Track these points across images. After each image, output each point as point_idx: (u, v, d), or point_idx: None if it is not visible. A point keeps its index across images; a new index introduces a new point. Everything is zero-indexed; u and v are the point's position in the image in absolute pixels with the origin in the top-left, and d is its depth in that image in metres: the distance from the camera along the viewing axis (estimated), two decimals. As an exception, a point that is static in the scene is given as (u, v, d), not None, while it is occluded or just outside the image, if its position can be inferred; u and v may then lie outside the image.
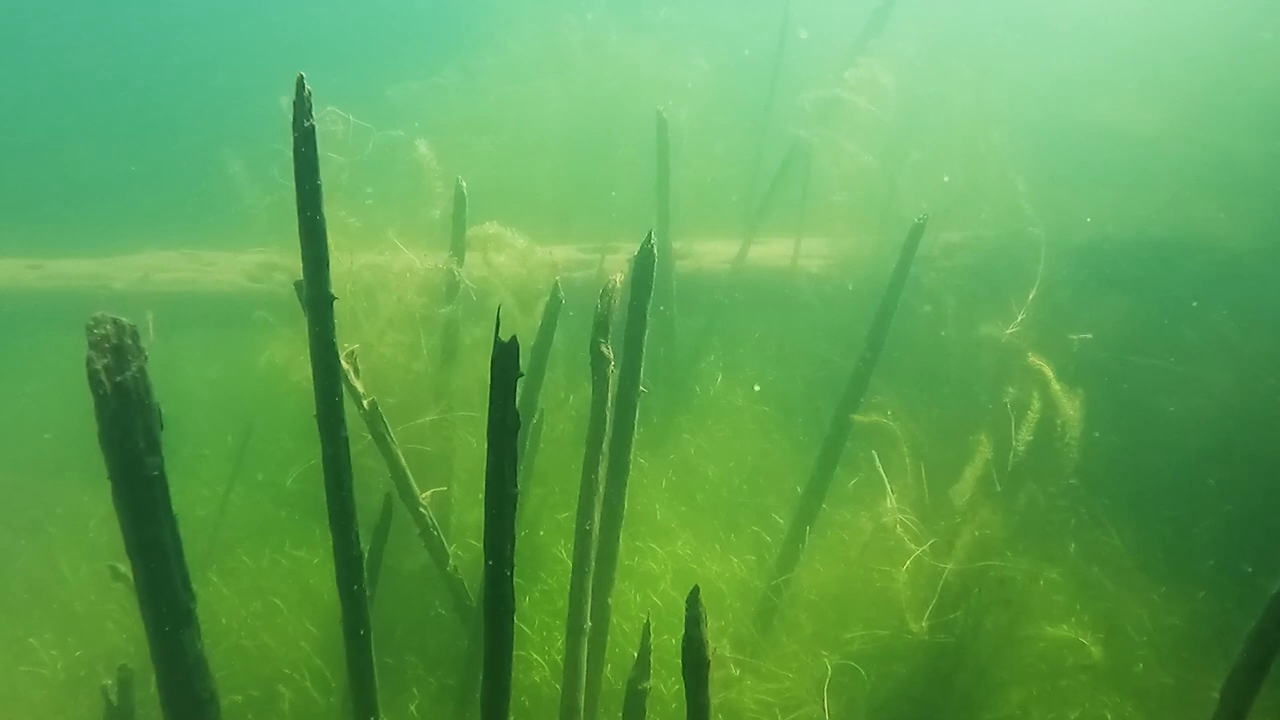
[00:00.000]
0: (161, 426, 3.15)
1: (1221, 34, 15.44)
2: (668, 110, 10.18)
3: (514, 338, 2.84)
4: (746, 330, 10.42)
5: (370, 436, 4.96)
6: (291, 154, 8.01)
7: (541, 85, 12.49)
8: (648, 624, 3.84)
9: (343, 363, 4.53)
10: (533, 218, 11.40)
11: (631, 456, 4.84)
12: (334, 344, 3.39)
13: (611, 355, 4.46)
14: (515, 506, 3.06)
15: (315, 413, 3.45)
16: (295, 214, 8.70)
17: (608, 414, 4.59)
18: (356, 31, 15.32)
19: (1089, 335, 6.82)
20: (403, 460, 5.11)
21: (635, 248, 10.08)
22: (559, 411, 7.73)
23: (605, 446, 4.61)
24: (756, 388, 9.71)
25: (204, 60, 14.48)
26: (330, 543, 3.75)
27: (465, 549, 6.87)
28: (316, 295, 3.34)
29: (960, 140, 11.08)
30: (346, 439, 3.50)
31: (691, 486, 8.72)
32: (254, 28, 16.40)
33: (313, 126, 3.18)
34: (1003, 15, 14.89)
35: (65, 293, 9.58)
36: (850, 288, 9.90)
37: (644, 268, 4.53)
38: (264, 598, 7.65)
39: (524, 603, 7.34)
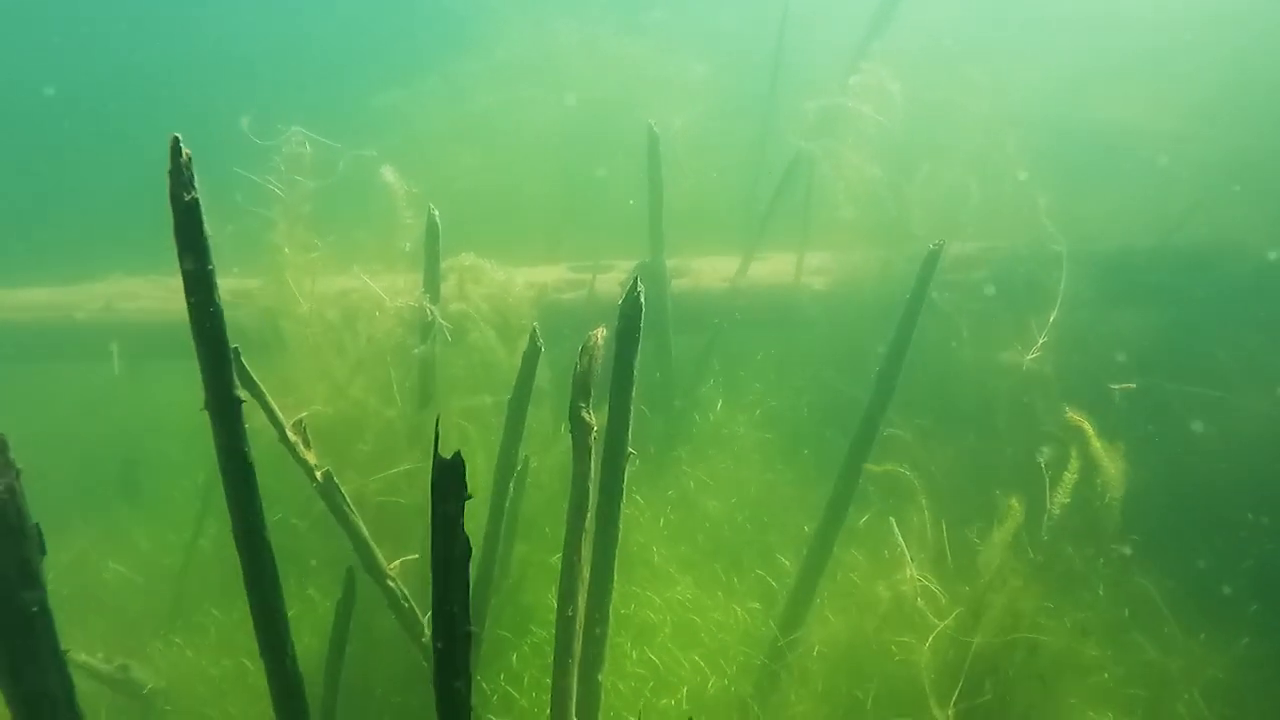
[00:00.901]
0: (43, 552, 2.61)
1: (1239, 29, 14.88)
2: (661, 118, 9.66)
3: (458, 454, 2.30)
4: (747, 352, 9.89)
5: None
6: (256, 179, 7.39)
7: (532, 91, 11.95)
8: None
9: (290, 434, 4.01)
10: (522, 233, 10.91)
11: (620, 531, 4.30)
12: (246, 454, 2.85)
13: (594, 421, 3.91)
14: (470, 648, 2.52)
15: (232, 529, 2.91)
16: (265, 240, 8.11)
17: (590, 486, 4.05)
18: (338, 39, 14.73)
19: (1132, 385, 6.23)
20: (364, 531, 4.58)
21: (630, 265, 9.54)
22: (548, 450, 7.19)
23: (589, 522, 4.08)
24: (758, 413, 9.16)
25: (171, 75, 13.86)
26: (305, 596, 3.21)
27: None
28: (219, 399, 2.79)
29: (971, 146, 10.54)
30: (271, 556, 2.96)
31: (691, 524, 8.20)
32: (229, 37, 15.78)
33: (195, 200, 2.62)
34: (1008, 10, 14.31)
35: (23, 325, 9.06)
36: (857, 306, 9.34)
37: (630, 317, 4.00)
38: (234, 656, 7.12)
39: (511, 659, 6.83)
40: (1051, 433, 7.47)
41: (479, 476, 7.02)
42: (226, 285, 8.49)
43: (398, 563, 4.94)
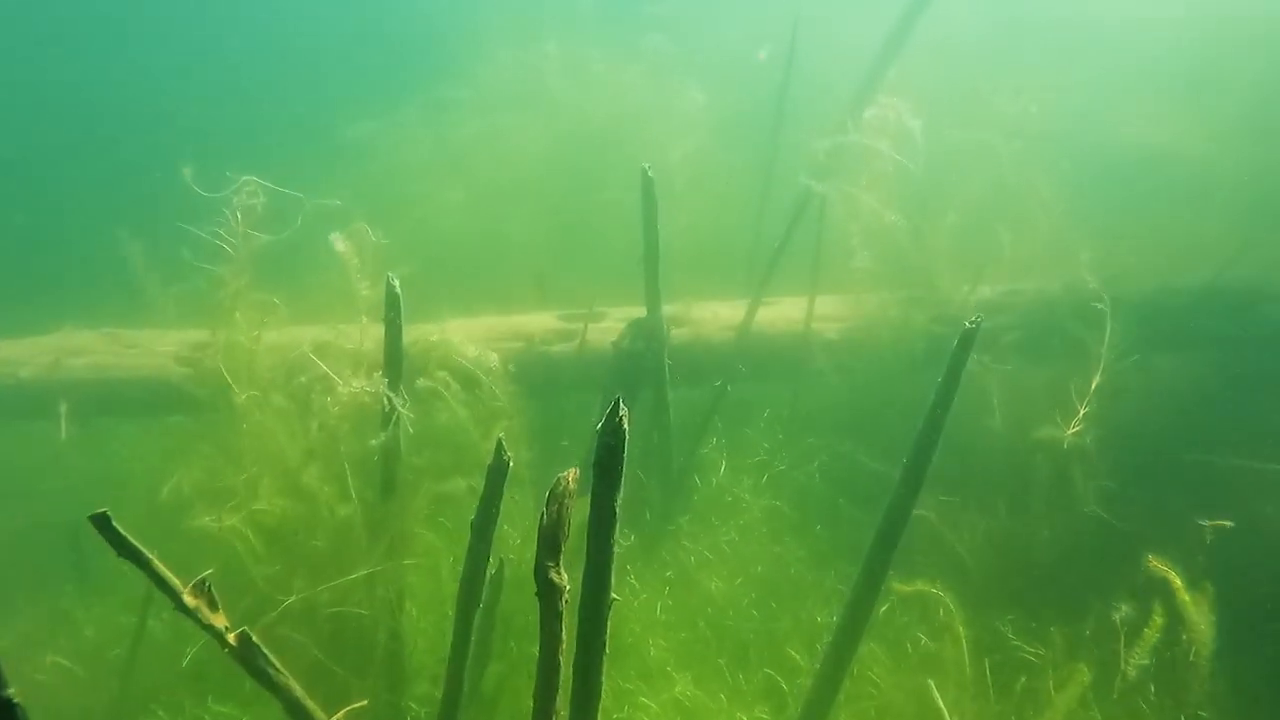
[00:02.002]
0: None
1: (1268, 44, 14.08)
2: (658, 150, 8.93)
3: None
4: (753, 407, 9.13)
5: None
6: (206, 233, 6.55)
7: (517, 120, 11.17)
8: None
9: (188, 599, 3.24)
10: (507, 277, 10.13)
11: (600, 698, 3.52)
12: None
13: (565, 582, 3.15)
14: None
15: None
16: (223, 292, 7.29)
17: (561, 658, 3.27)
18: (308, 65, 13.94)
19: (1228, 523, 5.42)
20: (297, 692, 3.80)
21: (624, 314, 8.76)
22: (529, 541, 6.40)
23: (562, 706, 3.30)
24: (765, 479, 8.38)
25: (126, 117, 13.00)
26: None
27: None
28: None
29: (992, 178, 9.79)
30: None
31: (692, 609, 7.43)
32: (185, 72, 14.89)
33: None
34: (1026, 28, 13.53)
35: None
36: (874, 358, 8.57)
37: (611, 449, 3.22)
38: (179, 776, 6.37)
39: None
40: (1094, 516, 6.72)
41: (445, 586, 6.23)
42: (171, 344, 7.68)
43: (343, 712, 4.18)
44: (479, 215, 10.53)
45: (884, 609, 6.82)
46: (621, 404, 3.33)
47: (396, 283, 5.26)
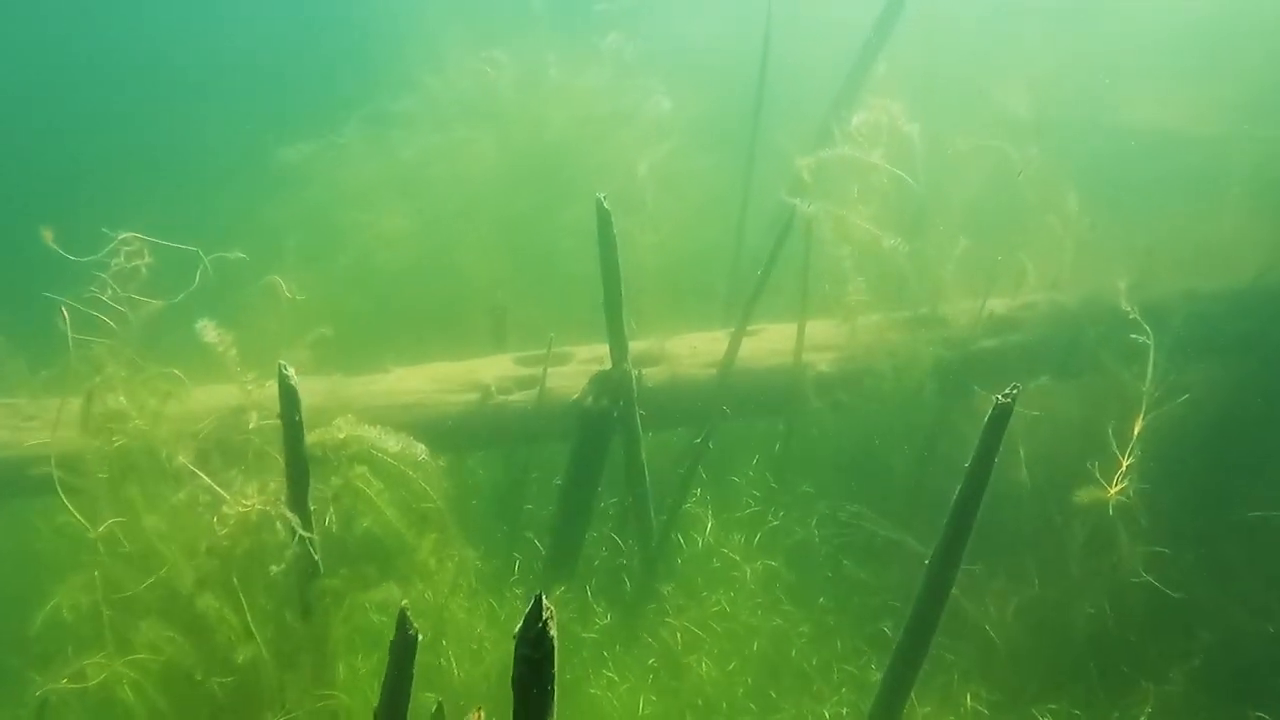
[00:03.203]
0: None
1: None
2: (623, 162, 7.89)
3: None
4: (740, 450, 8.13)
5: None
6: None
7: (468, 134, 10.07)
8: None
9: None
10: (461, 311, 9.08)
11: None
12: None
13: None
14: None
15: None
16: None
17: None
18: (237, 81, 12.75)
19: None
20: None
21: (590, 353, 7.71)
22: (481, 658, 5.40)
23: None
24: (758, 537, 7.38)
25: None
26: None
27: None
28: None
29: (994, 179, 8.77)
30: None
31: (680, 699, 6.42)
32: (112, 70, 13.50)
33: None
34: (1024, 8, 12.49)
35: None
36: (873, 391, 7.57)
37: (533, 665, 2.21)
38: None
39: None
40: (1143, 585, 5.73)
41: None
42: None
43: None
44: (429, 242, 9.49)
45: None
46: (544, 604, 2.33)
47: (291, 372, 4.21)
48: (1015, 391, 3.99)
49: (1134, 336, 5.96)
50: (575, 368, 7.91)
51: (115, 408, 5.35)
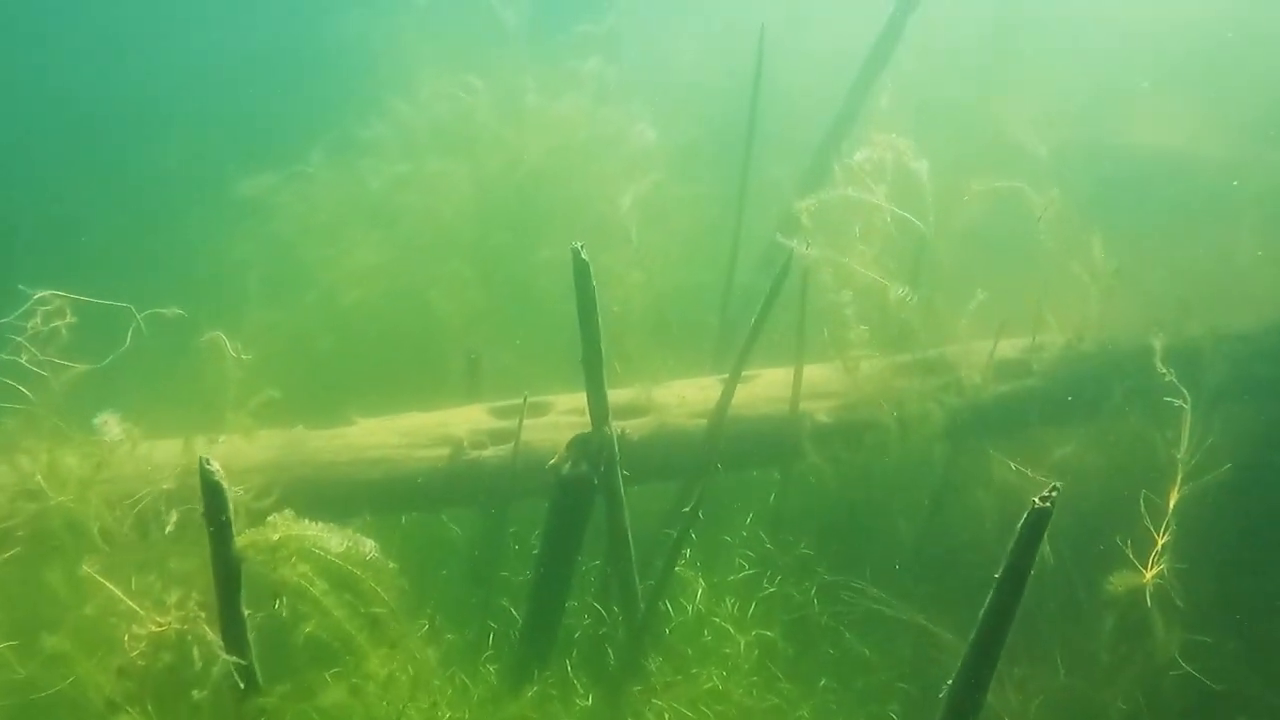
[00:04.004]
0: None
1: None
2: (606, 193, 7.34)
3: None
4: (731, 505, 7.55)
5: None
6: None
7: (441, 164, 9.46)
8: None
9: None
10: (430, 358, 8.50)
11: None
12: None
13: None
14: None
15: None
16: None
17: None
18: (195, 106, 12.09)
19: None
20: None
21: (570, 403, 7.14)
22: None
23: None
24: (753, 606, 6.79)
25: None
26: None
27: None
28: None
29: (997, 209, 8.22)
30: None
31: (670, 797, 5.81)
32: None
33: None
34: (1028, 26, 11.97)
35: None
36: (875, 445, 7.01)
37: None
38: None
39: None
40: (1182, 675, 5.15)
41: None
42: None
43: None
44: (399, 279, 8.89)
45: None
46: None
47: (216, 468, 3.60)
48: (1055, 492, 3.40)
49: (1168, 399, 5.36)
50: (555, 419, 7.34)
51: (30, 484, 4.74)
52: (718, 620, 6.87)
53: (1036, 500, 3.43)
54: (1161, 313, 7.79)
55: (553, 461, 5.87)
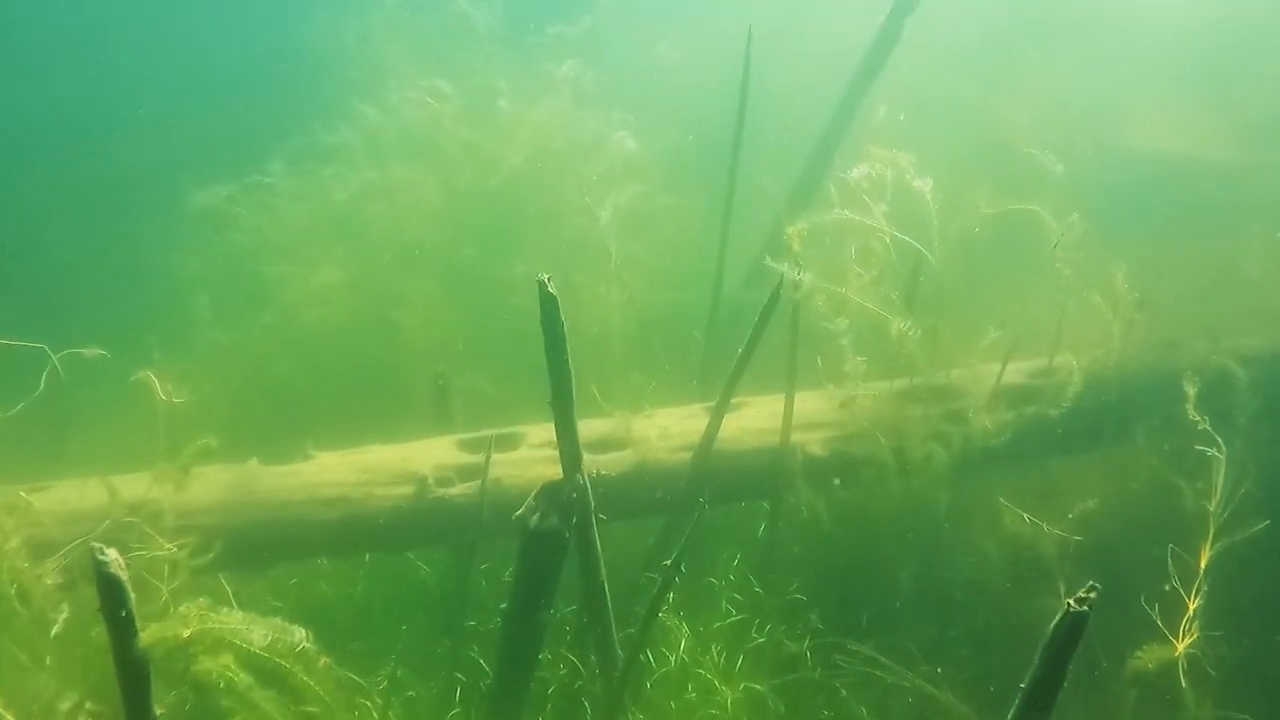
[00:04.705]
0: None
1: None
2: (584, 204, 6.83)
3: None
4: (717, 542, 7.02)
5: None
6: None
7: (410, 173, 8.87)
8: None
9: None
10: (396, 383, 7.94)
11: None
12: None
13: None
14: None
15: None
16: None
17: None
18: (146, 113, 11.42)
19: None
20: None
21: (542, 434, 6.60)
22: None
23: None
24: (741, 657, 6.26)
25: None
26: None
27: None
28: None
29: (998, 221, 7.70)
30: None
31: None
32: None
33: None
34: (1033, 27, 11.42)
35: None
36: (873, 483, 6.49)
37: None
38: None
39: None
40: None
41: None
42: None
43: None
44: (364, 298, 8.31)
45: None
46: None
47: (111, 556, 3.06)
48: (1092, 595, 2.87)
49: (1198, 443, 4.83)
50: (527, 453, 6.83)
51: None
52: (703, 672, 6.34)
53: (1072, 603, 2.89)
54: (1178, 331, 7.32)
55: (519, 512, 5.30)
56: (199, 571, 5.55)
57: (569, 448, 5.27)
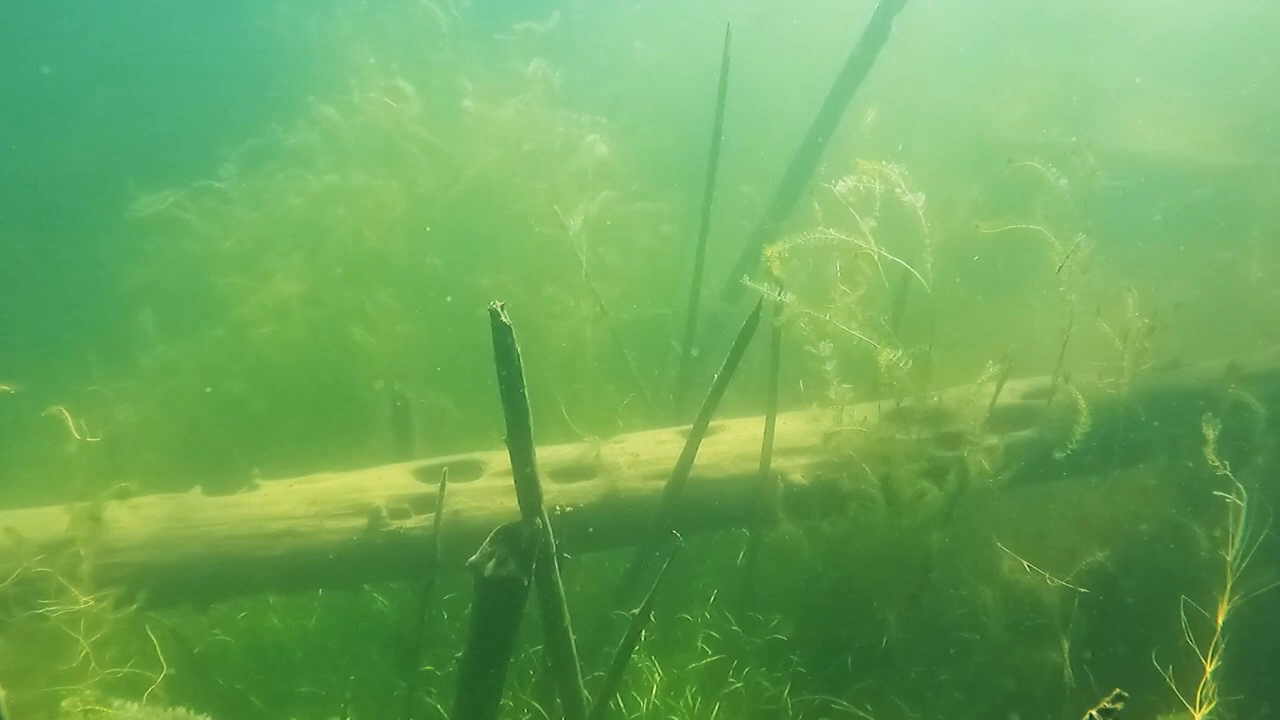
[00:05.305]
0: None
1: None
2: (554, 211, 6.38)
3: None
4: (693, 572, 6.56)
5: None
6: None
7: (370, 178, 8.35)
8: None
9: None
10: (354, 404, 7.45)
11: None
12: None
13: None
14: None
15: None
16: None
17: None
18: (93, 111, 10.83)
19: None
20: None
21: (509, 462, 6.10)
22: None
23: None
24: (717, 702, 5.82)
25: None
26: None
27: None
28: None
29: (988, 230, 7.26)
30: None
31: None
32: None
33: None
34: (1027, 26, 10.97)
35: None
36: (859, 513, 6.05)
37: None
38: None
39: None
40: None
41: None
42: None
43: None
44: (321, 311, 7.81)
45: None
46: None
47: None
48: (1120, 706, 2.43)
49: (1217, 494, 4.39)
50: (489, 482, 6.36)
51: None
52: (675, 719, 5.89)
53: (1095, 715, 2.46)
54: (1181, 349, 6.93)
55: (474, 558, 4.83)
56: (125, 621, 5.09)
57: (527, 488, 4.80)
